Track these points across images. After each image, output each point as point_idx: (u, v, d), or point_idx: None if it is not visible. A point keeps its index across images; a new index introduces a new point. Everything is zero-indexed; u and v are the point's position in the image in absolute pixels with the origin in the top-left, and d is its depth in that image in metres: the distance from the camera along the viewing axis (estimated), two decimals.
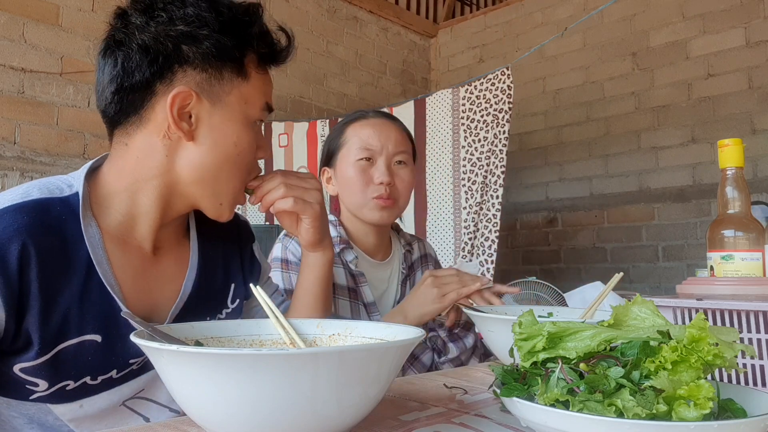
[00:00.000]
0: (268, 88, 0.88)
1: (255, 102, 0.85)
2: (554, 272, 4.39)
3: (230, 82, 0.82)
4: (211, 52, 0.80)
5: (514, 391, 0.56)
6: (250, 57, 0.84)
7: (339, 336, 0.71)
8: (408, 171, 1.42)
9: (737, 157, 0.93)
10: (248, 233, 1.07)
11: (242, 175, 0.86)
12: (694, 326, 0.53)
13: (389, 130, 1.41)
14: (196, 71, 0.80)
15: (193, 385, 0.50)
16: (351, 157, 1.39)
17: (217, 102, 0.82)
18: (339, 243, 1.40)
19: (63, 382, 0.75)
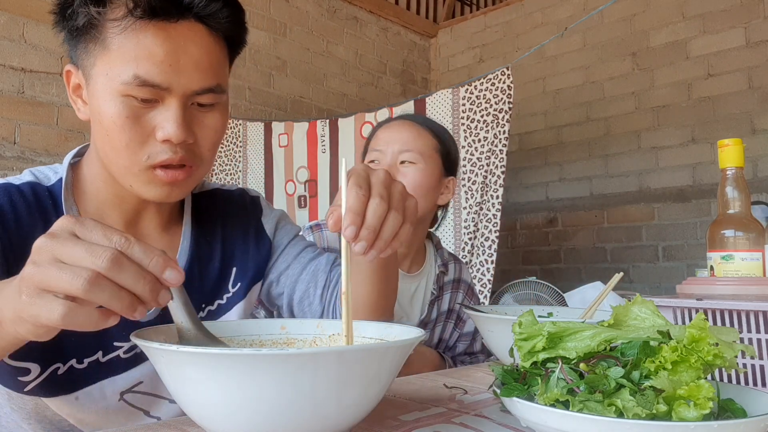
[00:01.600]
0: (142, 53, 0.70)
1: (117, 73, 0.71)
2: (554, 272, 4.39)
3: (92, 53, 0.73)
4: (60, 18, 0.74)
5: (514, 391, 0.56)
6: (109, 16, 0.71)
7: (339, 336, 0.71)
8: (415, 170, 1.32)
9: (737, 157, 0.93)
10: (255, 209, 0.99)
11: (126, 153, 0.73)
12: (694, 326, 0.53)
13: (400, 130, 1.35)
14: (70, 45, 0.76)
15: (193, 385, 0.50)
16: (366, 161, 1.37)
17: (88, 77, 0.75)
18: None
19: (52, 366, 0.74)
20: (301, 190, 3.69)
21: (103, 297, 0.47)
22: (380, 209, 0.64)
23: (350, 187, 0.64)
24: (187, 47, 0.72)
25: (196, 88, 0.73)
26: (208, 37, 0.75)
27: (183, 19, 0.72)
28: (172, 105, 0.72)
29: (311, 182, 3.68)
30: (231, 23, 0.77)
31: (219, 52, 0.77)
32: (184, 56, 0.72)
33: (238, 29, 0.80)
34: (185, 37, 0.72)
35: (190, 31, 0.73)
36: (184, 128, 0.73)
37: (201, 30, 0.74)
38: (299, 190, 3.70)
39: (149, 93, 0.71)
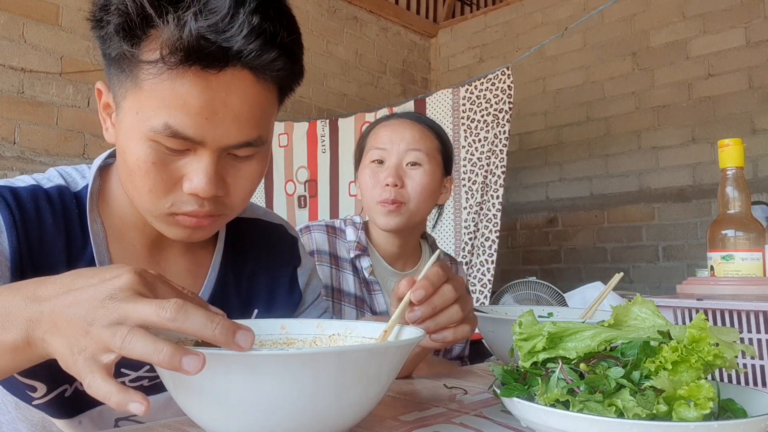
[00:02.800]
0: (175, 102, 0.62)
1: (147, 117, 0.63)
2: (554, 272, 4.39)
3: (123, 84, 0.65)
4: (95, 33, 0.65)
5: (514, 391, 0.56)
6: (143, 56, 0.62)
7: (339, 336, 0.70)
8: (422, 173, 1.31)
9: (737, 157, 0.93)
10: (291, 254, 0.93)
11: (149, 197, 0.67)
12: (694, 326, 0.53)
13: (404, 129, 1.33)
14: (104, 62, 0.68)
15: (193, 386, 0.50)
16: (366, 160, 1.34)
17: (118, 106, 0.68)
18: (355, 249, 1.34)
19: (60, 387, 0.73)
20: (301, 190, 3.69)
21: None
22: (449, 294, 0.69)
23: (434, 266, 0.70)
24: (228, 99, 0.63)
25: (232, 143, 0.65)
26: (255, 85, 0.65)
27: (228, 68, 0.62)
28: (204, 157, 0.65)
29: (311, 182, 3.68)
30: (286, 72, 0.67)
31: (266, 101, 0.67)
32: (223, 108, 0.63)
33: (294, 77, 0.70)
34: (227, 87, 0.62)
35: (234, 80, 0.63)
36: (214, 183, 0.66)
37: (247, 78, 0.64)
38: (299, 190, 3.70)
39: (180, 144, 0.64)
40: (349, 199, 3.56)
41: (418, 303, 0.67)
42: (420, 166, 1.31)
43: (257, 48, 0.62)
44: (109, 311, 0.47)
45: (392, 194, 1.28)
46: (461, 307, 0.71)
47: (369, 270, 1.33)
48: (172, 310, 0.47)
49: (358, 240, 1.35)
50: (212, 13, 0.59)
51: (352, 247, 1.34)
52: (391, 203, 1.28)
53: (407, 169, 1.31)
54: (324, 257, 1.32)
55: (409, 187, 1.30)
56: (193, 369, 0.45)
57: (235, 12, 0.60)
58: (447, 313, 0.70)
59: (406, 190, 1.30)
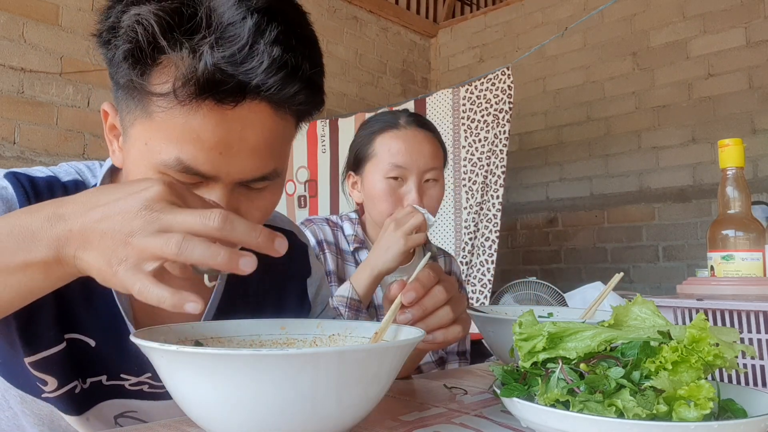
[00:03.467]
0: (188, 136, 0.58)
1: (157, 149, 0.59)
2: (554, 272, 4.39)
3: (132, 112, 0.61)
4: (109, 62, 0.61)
5: (515, 392, 0.56)
6: (154, 87, 0.58)
7: (339, 336, 0.70)
8: (438, 188, 1.35)
9: (738, 157, 0.93)
10: (302, 263, 0.92)
11: None
12: (694, 326, 0.53)
13: (421, 144, 1.32)
14: (112, 82, 0.64)
15: (193, 385, 0.50)
16: (380, 172, 1.31)
17: (125, 132, 0.64)
18: (354, 242, 1.37)
19: (72, 383, 0.73)
20: (301, 190, 3.70)
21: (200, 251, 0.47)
22: (440, 296, 0.70)
23: (425, 268, 0.70)
24: (244, 133, 0.59)
25: (247, 177, 0.62)
26: (273, 118, 0.61)
27: (245, 101, 0.58)
28: (216, 191, 0.62)
29: (311, 182, 3.68)
30: (307, 105, 0.64)
31: (283, 132, 0.64)
32: (238, 143, 0.59)
33: (314, 108, 0.67)
34: (243, 122, 0.59)
35: (251, 114, 0.59)
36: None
37: (265, 110, 0.60)
38: (299, 190, 3.70)
39: (191, 179, 0.60)
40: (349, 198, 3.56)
41: (408, 305, 0.67)
42: (436, 182, 1.34)
43: (278, 82, 0.57)
44: (149, 221, 0.48)
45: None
46: (453, 309, 0.71)
47: None
48: (218, 219, 0.48)
49: (356, 233, 1.38)
50: (230, 43, 0.55)
51: (351, 240, 1.37)
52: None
53: (425, 186, 1.33)
54: (331, 247, 1.35)
55: (427, 204, 1.32)
56: (248, 269, 0.47)
57: (254, 42, 0.56)
58: (437, 315, 0.70)
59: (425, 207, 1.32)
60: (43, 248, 0.50)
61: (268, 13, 0.57)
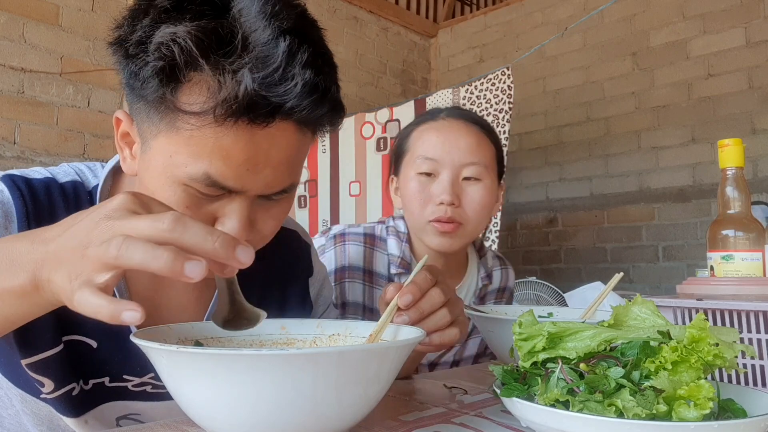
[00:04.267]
0: (218, 152, 0.59)
1: (183, 163, 0.60)
2: (554, 272, 4.39)
3: (156, 124, 0.62)
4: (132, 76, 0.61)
5: (514, 391, 0.56)
6: (183, 105, 0.58)
7: (339, 336, 0.70)
8: (480, 188, 1.14)
9: (737, 157, 0.93)
10: (305, 263, 0.91)
11: None
12: (694, 326, 0.53)
13: (459, 136, 1.14)
14: (129, 95, 0.65)
15: (193, 385, 0.50)
16: (412, 169, 1.16)
17: (145, 143, 0.64)
18: (398, 266, 1.18)
19: (69, 385, 0.73)
20: (301, 190, 3.69)
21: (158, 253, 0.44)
22: (437, 299, 0.69)
23: (422, 270, 0.69)
24: (271, 151, 0.61)
25: (269, 192, 0.65)
26: (297, 135, 0.63)
27: (274, 122, 0.59)
28: (238, 203, 0.64)
29: (311, 182, 3.68)
30: (330, 125, 0.67)
31: (303, 147, 0.66)
32: (264, 160, 0.61)
33: (334, 127, 0.68)
34: (271, 140, 0.61)
35: (278, 132, 0.61)
36: (247, 228, 0.65)
37: (291, 129, 0.62)
38: (299, 190, 3.70)
39: (216, 191, 0.62)
40: (349, 199, 3.56)
41: (405, 308, 0.67)
42: (479, 182, 1.14)
43: (310, 104, 0.60)
44: (103, 230, 0.46)
45: (447, 213, 1.11)
46: (450, 311, 0.71)
47: None
48: (168, 220, 0.45)
49: (402, 256, 1.18)
50: (265, 65, 0.57)
51: (395, 263, 1.18)
52: (447, 223, 1.11)
53: (463, 184, 1.14)
54: (356, 274, 1.18)
55: (467, 206, 1.13)
56: (196, 274, 0.43)
57: (287, 64, 0.57)
58: (434, 318, 0.69)
59: (463, 210, 1.13)
60: (22, 273, 0.49)
61: (298, 35, 0.59)
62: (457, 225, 1.12)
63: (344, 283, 1.17)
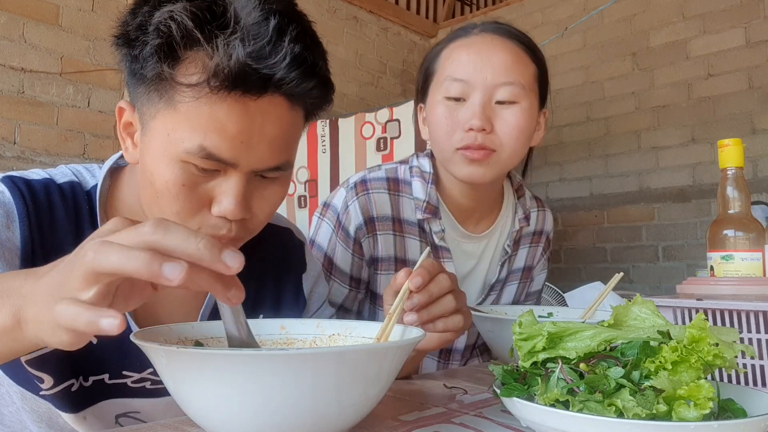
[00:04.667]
0: (213, 124, 0.62)
1: (180, 138, 0.63)
2: (554, 272, 4.39)
3: (155, 105, 0.65)
4: (123, 50, 0.65)
5: (514, 391, 0.56)
6: (181, 78, 0.62)
7: (339, 336, 0.71)
8: (517, 111, 1.01)
9: (737, 157, 0.93)
10: (298, 260, 0.93)
11: (176, 219, 0.65)
12: (694, 326, 0.53)
13: (493, 53, 1.01)
14: (130, 82, 0.67)
15: (193, 385, 0.50)
16: (439, 93, 1.05)
17: (145, 126, 0.67)
18: (424, 210, 1.09)
19: (67, 381, 0.73)
20: (301, 190, 3.69)
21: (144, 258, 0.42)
22: (445, 283, 0.72)
23: (428, 259, 0.71)
24: (264, 124, 0.64)
25: (263, 167, 0.67)
26: (289, 111, 0.66)
27: (267, 94, 0.63)
28: (234, 179, 0.66)
29: (311, 182, 3.68)
30: (319, 100, 0.69)
31: (296, 125, 0.69)
32: (258, 133, 0.64)
33: (324, 104, 0.71)
34: (264, 114, 0.64)
35: (270, 106, 0.64)
36: (242, 206, 0.67)
37: (282, 104, 0.65)
38: (299, 190, 3.70)
39: (212, 165, 0.64)
40: None
41: (416, 290, 0.69)
42: (516, 104, 1.02)
43: (298, 76, 0.63)
44: (85, 250, 0.44)
45: (477, 140, 1.00)
46: (455, 298, 0.73)
47: (440, 236, 1.10)
48: (150, 225, 0.44)
49: (428, 199, 1.09)
50: (256, 40, 0.60)
51: (420, 207, 1.09)
52: (478, 150, 1.00)
53: (497, 108, 1.02)
54: (386, 224, 1.09)
55: (500, 131, 1.01)
56: (174, 277, 0.41)
57: (278, 39, 0.61)
58: (440, 303, 0.72)
59: (496, 136, 1.01)
60: (6, 308, 0.48)
61: (287, 16, 0.64)
62: (488, 152, 1.01)
63: (376, 235, 1.08)
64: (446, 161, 1.07)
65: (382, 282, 1.12)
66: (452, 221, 1.13)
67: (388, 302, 0.77)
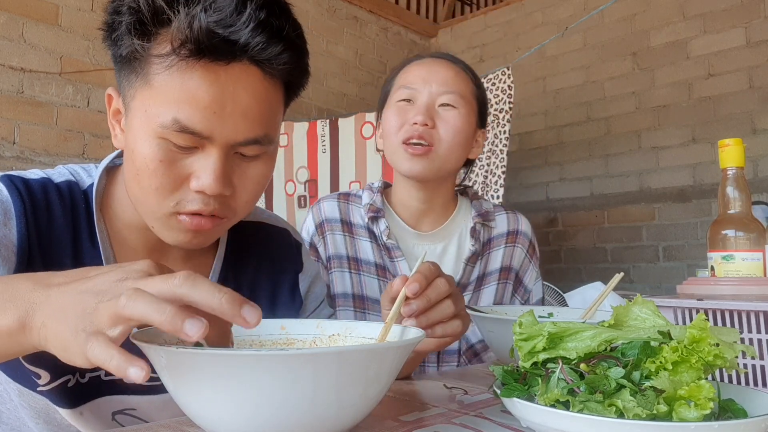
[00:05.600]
0: (184, 95, 0.63)
1: (156, 114, 0.64)
2: (554, 272, 4.39)
3: (133, 85, 0.67)
4: (107, 40, 0.67)
5: (515, 392, 0.56)
6: (154, 51, 0.64)
7: (339, 336, 0.70)
8: (456, 115, 1.17)
9: (738, 157, 0.93)
10: (294, 259, 0.94)
11: (154, 196, 0.67)
12: (694, 326, 0.53)
13: (439, 68, 1.20)
14: (116, 69, 0.70)
15: (193, 386, 0.50)
16: (392, 100, 1.22)
17: (127, 108, 0.69)
18: (368, 211, 1.22)
19: (63, 377, 0.73)
20: (301, 190, 3.69)
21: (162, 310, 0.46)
22: (442, 288, 0.71)
23: (426, 263, 0.71)
24: (237, 93, 0.65)
25: (240, 139, 0.67)
26: (263, 81, 0.67)
27: (235, 62, 0.64)
28: (211, 154, 0.66)
29: (311, 182, 3.68)
30: (291, 68, 0.69)
31: (273, 98, 0.69)
32: (231, 103, 0.64)
33: (299, 74, 0.72)
34: (235, 82, 0.64)
35: (242, 74, 0.64)
36: (221, 181, 0.66)
37: (255, 73, 0.66)
38: (299, 190, 3.70)
39: (188, 140, 0.65)
40: None
41: (413, 296, 0.68)
42: (455, 109, 1.17)
43: (263, 41, 0.64)
44: (118, 288, 0.47)
45: (419, 131, 1.14)
46: (454, 303, 0.73)
47: (386, 233, 1.21)
48: (180, 277, 0.47)
49: (372, 202, 1.23)
50: (220, 9, 0.62)
51: (366, 211, 1.23)
52: (418, 145, 1.14)
53: (439, 110, 1.17)
54: (335, 225, 1.22)
55: (440, 128, 1.16)
56: (194, 333, 0.44)
57: (242, 8, 0.63)
58: (439, 308, 0.71)
59: (437, 131, 1.16)
60: (12, 312, 0.49)
61: None
62: (428, 149, 1.15)
63: (325, 236, 1.21)
64: (393, 155, 1.20)
65: (336, 280, 1.20)
66: (399, 223, 1.25)
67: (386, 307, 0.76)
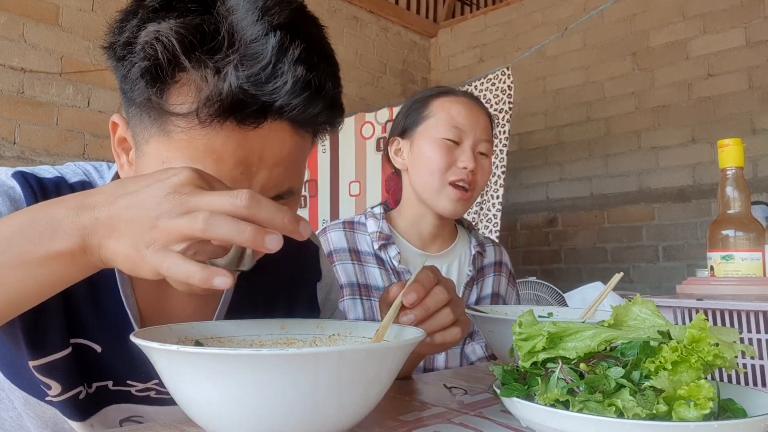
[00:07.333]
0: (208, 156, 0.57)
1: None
2: (554, 272, 4.39)
3: (147, 129, 0.60)
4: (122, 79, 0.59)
5: (514, 392, 0.56)
6: (172, 107, 0.56)
7: (339, 336, 0.70)
8: (489, 163, 1.30)
9: (737, 157, 0.93)
10: (313, 268, 0.90)
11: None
12: (694, 326, 0.53)
13: (479, 115, 1.29)
14: (123, 98, 0.63)
15: (193, 385, 0.50)
16: (436, 133, 1.26)
17: (138, 149, 0.62)
18: (378, 239, 1.27)
19: (76, 388, 0.72)
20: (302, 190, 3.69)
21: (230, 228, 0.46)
22: (441, 296, 0.69)
23: (424, 270, 0.70)
24: (264, 153, 0.58)
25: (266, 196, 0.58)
26: (293, 137, 0.60)
27: (266, 121, 0.57)
28: None
29: (311, 182, 3.68)
30: (328, 125, 0.63)
31: (301, 150, 0.63)
32: (257, 163, 0.59)
33: (335, 127, 0.64)
34: (264, 142, 0.58)
35: (271, 133, 0.58)
36: None
37: (286, 130, 0.59)
38: None
39: None
40: (349, 199, 3.56)
41: (410, 306, 0.67)
42: (487, 158, 1.30)
43: (301, 103, 0.56)
44: (176, 204, 0.47)
45: (469, 177, 1.24)
46: (453, 310, 0.71)
47: (397, 258, 1.26)
48: (245, 198, 0.47)
49: (380, 230, 1.28)
50: (253, 62, 0.54)
51: (375, 239, 1.27)
52: (466, 191, 1.24)
53: (479, 158, 1.28)
54: (343, 255, 1.25)
55: (479, 176, 1.27)
56: (275, 246, 0.47)
57: (277, 60, 0.55)
58: (438, 317, 0.69)
59: (476, 178, 1.26)
60: (68, 238, 0.49)
61: (291, 30, 0.56)
62: (470, 193, 1.26)
63: (335, 265, 1.23)
64: (434, 191, 1.25)
65: (348, 307, 1.23)
66: (408, 247, 1.31)
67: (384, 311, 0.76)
